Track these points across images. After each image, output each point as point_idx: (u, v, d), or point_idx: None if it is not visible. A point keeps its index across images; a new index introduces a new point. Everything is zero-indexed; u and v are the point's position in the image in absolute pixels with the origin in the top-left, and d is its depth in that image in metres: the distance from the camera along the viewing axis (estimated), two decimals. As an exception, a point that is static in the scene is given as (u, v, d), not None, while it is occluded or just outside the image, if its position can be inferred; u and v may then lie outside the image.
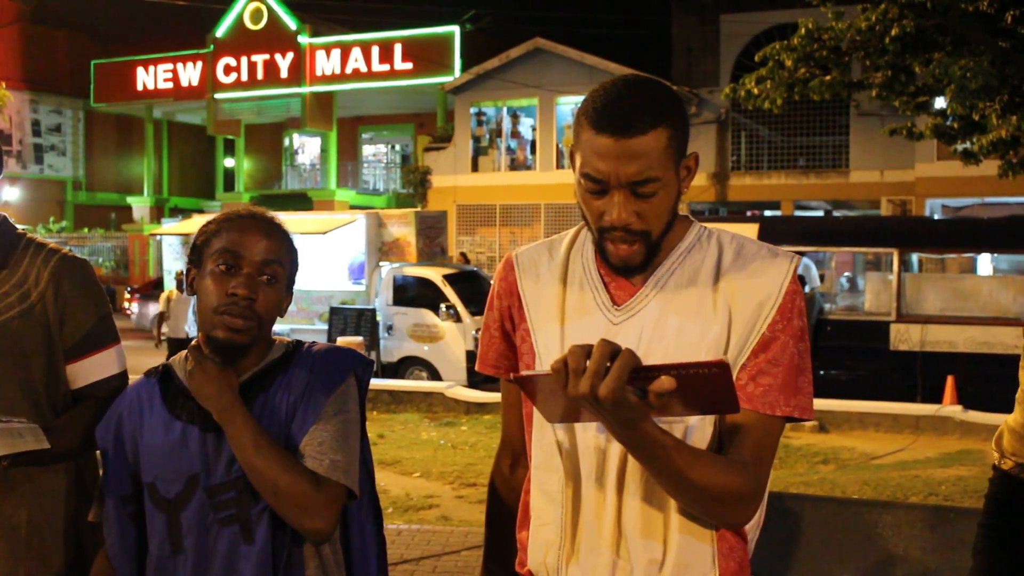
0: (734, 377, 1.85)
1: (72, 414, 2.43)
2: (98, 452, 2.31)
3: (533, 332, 2.04)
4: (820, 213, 32.47)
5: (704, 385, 1.56)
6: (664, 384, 1.55)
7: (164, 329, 15.30)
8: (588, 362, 1.59)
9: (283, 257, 2.20)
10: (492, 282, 2.20)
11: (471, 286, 16.97)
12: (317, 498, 2.04)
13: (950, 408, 11.72)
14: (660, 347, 1.89)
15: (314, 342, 2.31)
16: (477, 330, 15.68)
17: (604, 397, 1.56)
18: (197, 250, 2.20)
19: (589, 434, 1.91)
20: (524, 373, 1.71)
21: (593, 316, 1.97)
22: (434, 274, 16.30)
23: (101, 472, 2.25)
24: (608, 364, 1.57)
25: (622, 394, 1.57)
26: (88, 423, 2.37)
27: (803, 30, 16.37)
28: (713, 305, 1.90)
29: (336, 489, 2.08)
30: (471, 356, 15.54)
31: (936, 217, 25.09)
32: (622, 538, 1.89)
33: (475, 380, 15.25)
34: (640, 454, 1.74)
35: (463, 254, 29.22)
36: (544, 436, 1.99)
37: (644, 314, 1.92)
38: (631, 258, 1.90)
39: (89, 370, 2.46)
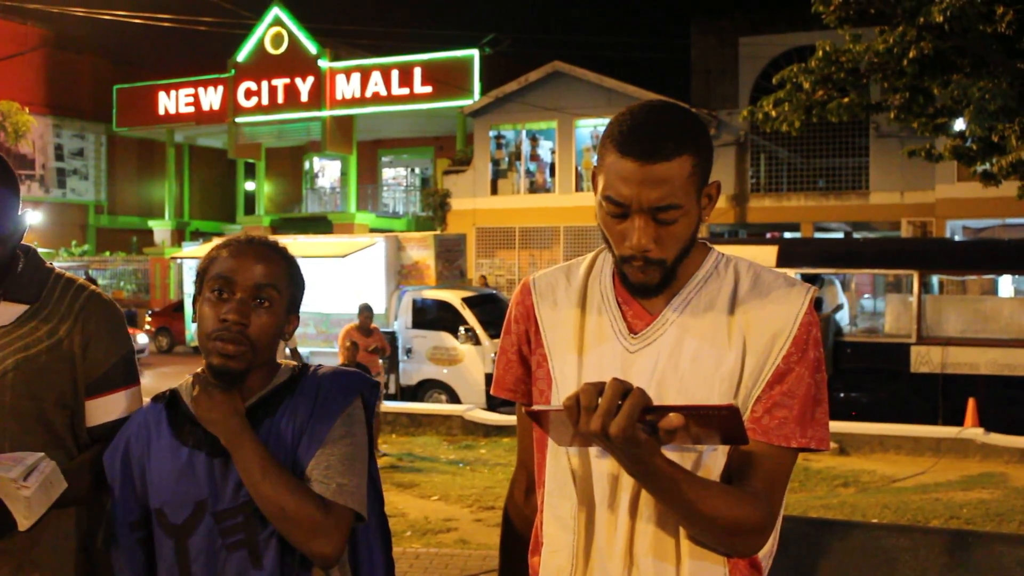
0: (749, 409, 1.87)
1: (86, 456, 2.41)
2: None
3: (550, 358, 2.04)
4: (840, 235, 32.40)
5: (713, 423, 1.61)
6: (673, 421, 1.59)
7: None
8: (600, 399, 1.62)
9: (279, 281, 2.18)
10: (509, 306, 2.21)
11: (490, 309, 16.98)
12: (325, 522, 2.04)
13: (971, 431, 11.66)
14: (674, 377, 1.89)
15: (320, 365, 2.31)
16: (495, 352, 15.67)
17: (615, 435, 1.60)
18: (199, 277, 2.21)
19: (603, 461, 1.91)
20: (536, 408, 1.73)
21: (610, 344, 1.97)
22: (453, 297, 16.31)
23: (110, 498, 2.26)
24: (619, 402, 1.61)
25: (632, 432, 1.60)
26: (99, 467, 2.35)
27: (821, 52, 16.39)
28: (728, 335, 1.90)
29: (343, 513, 2.08)
30: (490, 379, 15.48)
31: (956, 239, 24.99)
32: (634, 565, 1.89)
33: (494, 403, 15.23)
34: (650, 486, 1.76)
35: (483, 277, 29.28)
36: (558, 463, 1.99)
37: (660, 343, 1.93)
38: (648, 280, 1.91)
39: (103, 409, 2.43)
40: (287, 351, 11.86)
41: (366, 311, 13.54)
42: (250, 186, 43.58)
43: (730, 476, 1.88)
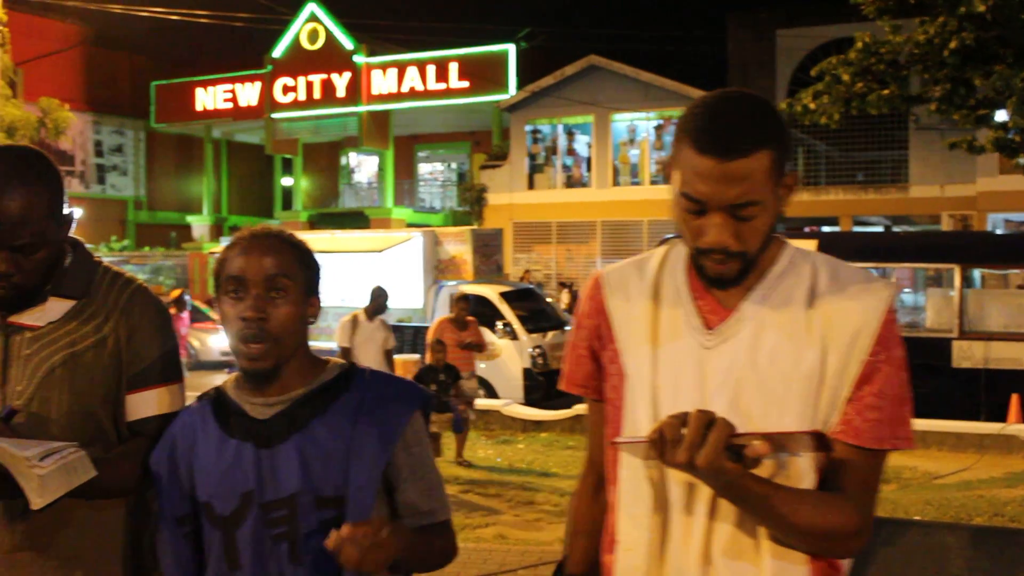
0: (838, 409, 1.84)
1: (125, 448, 2.43)
2: None
3: (622, 353, 2.02)
4: (879, 229, 32.14)
5: (799, 443, 1.65)
6: (759, 450, 1.61)
7: None
8: (684, 431, 1.62)
9: (289, 269, 2.18)
10: (579, 300, 2.19)
11: (527, 304, 16.96)
12: None
13: (1015, 427, 11.51)
14: (753, 375, 1.86)
15: (371, 370, 2.30)
16: (534, 347, 15.64)
17: (701, 467, 1.62)
18: (215, 280, 2.23)
19: None
20: (620, 440, 1.78)
21: (685, 340, 1.94)
22: (490, 292, 16.28)
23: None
24: (704, 432, 1.61)
25: (719, 463, 1.61)
26: (142, 460, 2.37)
27: (860, 44, 16.25)
28: (807, 331, 1.87)
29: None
30: (528, 374, 15.52)
31: (998, 232, 24.69)
32: (711, 565, 1.87)
33: (532, 398, 15.20)
34: (741, 505, 1.76)
35: (528, 272, 29.29)
36: (633, 462, 1.96)
37: (737, 340, 1.90)
38: (726, 272, 1.88)
39: (143, 404, 2.44)
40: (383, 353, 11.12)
41: (462, 302, 12.45)
42: (287, 181, 43.75)
43: (822, 479, 1.85)
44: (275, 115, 37.58)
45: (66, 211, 2.41)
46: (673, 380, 1.89)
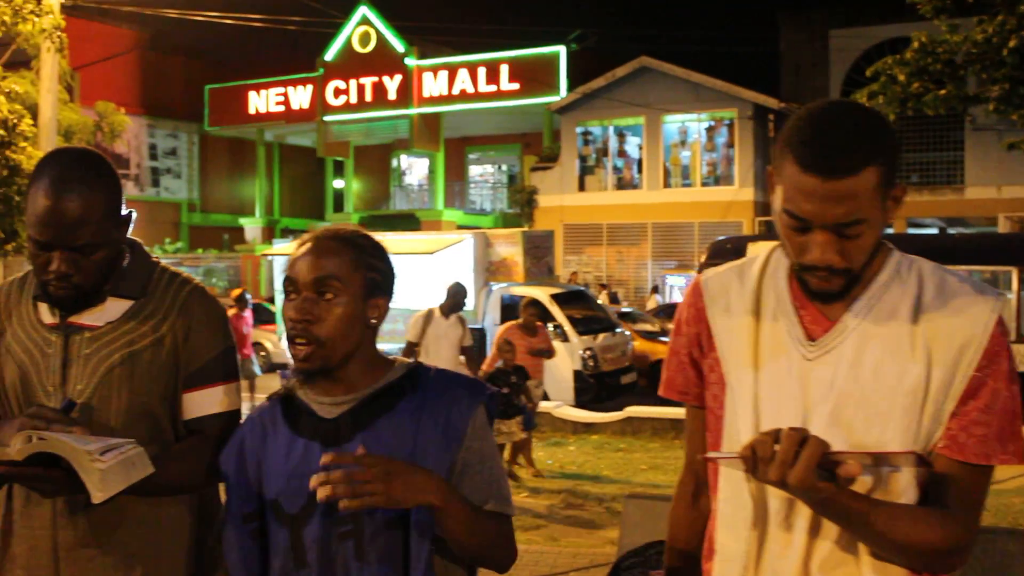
0: (943, 424, 1.80)
1: (183, 446, 2.46)
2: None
3: (723, 364, 2.00)
4: (934, 231, 31.77)
5: (896, 461, 1.65)
6: (852, 470, 1.59)
7: None
8: (776, 448, 1.61)
9: (340, 270, 2.15)
10: (680, 305, 2.16)
11: (578, 305, 16.91)
12: None
13: (1075, 431, 11.31)
14: (855, 389, 1.82)
15: (436, 369, 2.29)
16: (584, 349, 15.60)
17: (793, 485, 1.60)
18: None
19: None
20: (712, 455, 1.78)
21: (787, 354, 1.90)
22: (541, 293, 16.26)
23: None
24: (797, 450, 1.59)
25: (810, 481, 1.59)
26: (201, 458, 2.39)
27: (916, 44, 16.07)
28: (912, 344, 1.82)
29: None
30: (578, 376, 15.47)
31: (1057, 234, 24.30)
32: None
33: (583, 400, 15.16)
34: (837, 521, 1.74)
35: (574, 274, 29.29)
36: (732, 473, 1.94)
37: (839, 352, 1.85)
38: (830, 288, 1.85)
39: (200, 403, 2.47)
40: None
41: (532, 307, 12.27)
42: (339, 184, 44.01)
43: (925, 493, 1.80)
44: (327, 118, 37.80)
45: (124, 212, 2.44)
46: (775, 391, 1.86)
